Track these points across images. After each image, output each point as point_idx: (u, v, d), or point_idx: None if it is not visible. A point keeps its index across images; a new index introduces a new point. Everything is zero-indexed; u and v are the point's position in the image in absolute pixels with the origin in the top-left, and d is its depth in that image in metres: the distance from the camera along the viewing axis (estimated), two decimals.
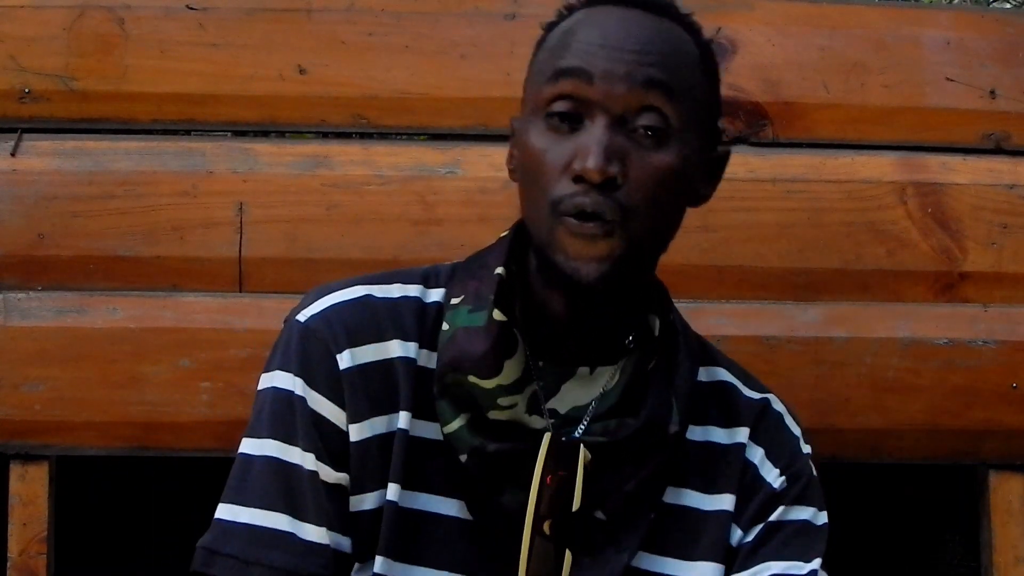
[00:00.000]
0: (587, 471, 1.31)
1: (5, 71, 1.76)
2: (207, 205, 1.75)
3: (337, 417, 1.32)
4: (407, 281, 1.39)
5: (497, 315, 1.32)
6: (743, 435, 1.42)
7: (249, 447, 1.35)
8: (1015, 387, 1.81)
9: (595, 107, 1.28)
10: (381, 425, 1.33)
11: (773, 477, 1.41)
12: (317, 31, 1.80)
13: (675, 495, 1.38)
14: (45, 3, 1.78)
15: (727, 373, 1.46)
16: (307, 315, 1.35)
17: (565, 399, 1.36)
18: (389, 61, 1.80)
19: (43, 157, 1.75)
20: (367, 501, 1.33)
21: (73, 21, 1.77)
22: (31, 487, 1.72)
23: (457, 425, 1.33)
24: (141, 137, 1.78)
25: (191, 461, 1.76)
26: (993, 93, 1.87)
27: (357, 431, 1.32)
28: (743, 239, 1.79)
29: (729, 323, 1.77)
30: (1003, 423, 1.82)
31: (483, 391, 1.31)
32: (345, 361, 1.33)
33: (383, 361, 1.34)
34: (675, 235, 1.36)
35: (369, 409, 1.33)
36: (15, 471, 1.72)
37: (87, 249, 1.74)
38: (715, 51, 1.40)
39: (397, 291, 1.37)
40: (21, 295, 1.73)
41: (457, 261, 1.43)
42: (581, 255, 1.26)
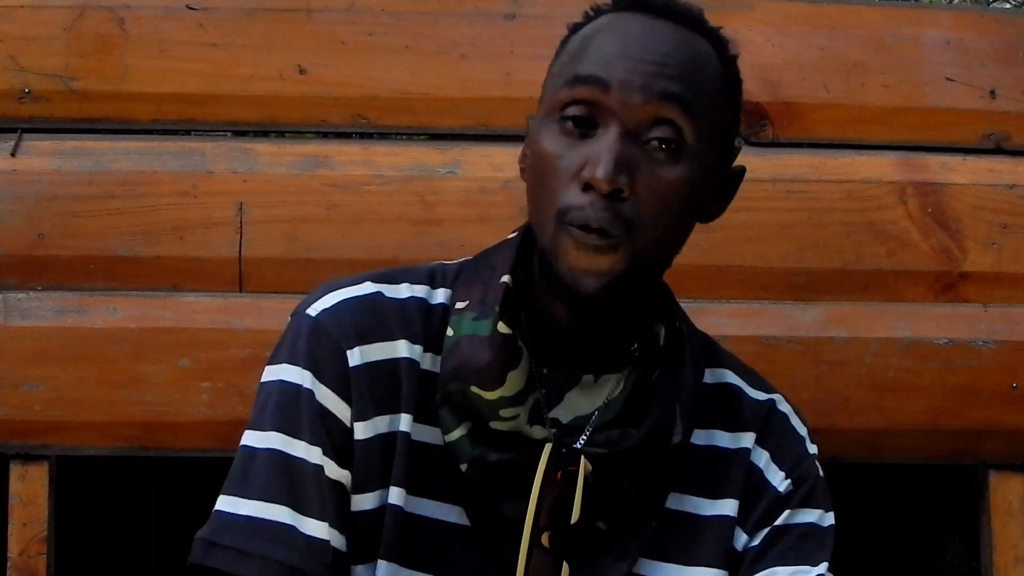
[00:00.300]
0: (588, 482, 1.30)
1: (5, 71, 1.76)
2: (207, 205, 1.75)
3: (343, 413, 1.31)
4: (414, 281, 1.37)
5: (502, 327, 1.30)
6: (748, 440, 1.40)
7: (252, 440, 1.32)
8: (1015, 387, 1.81)
9: (610, 115, 1.26)
10: (383, 425, 1.32)
11: (779, 480, 1.39)
12: (317, 31, 1.80)
13: (677, 500, 1.37)
14: (45, 3, 1.78)
15: (732, 375, 1.44)
16: (317, 309, 1.33)
17: (568, 408, 1.35)
18: (389, 61, 1.80)
19: (43, 157, 1.75)
20: (367, 501, 1.31)
21: (73, 21, 1.77)
22: (31, 487, 1.72)
23: (458, 434, 1.31)
24: (141, 137, 1.78)
25: (191, 461, 1.76)
26: (993, 93, 1.87)
27: (361, 429, 1.31)
28: (743, 239, 1.79)
29: (729, 323, 1.77)
30: (1003, 423, 1.81)
31: (485, 402, 1.30)
32: (355, 358, 1.31)
33: (390, 360, 1.32)
34: (682, 249, 1.34)
35: (374, 408, 1.31)
36: (15, 471, 1.72)
37: (87, 249, 1.74)
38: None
39: (405, 291, 1.35)
40: (21, 295, 1.73)
41: (464, 259, 1.41)
42: (583, 267, 1.25)
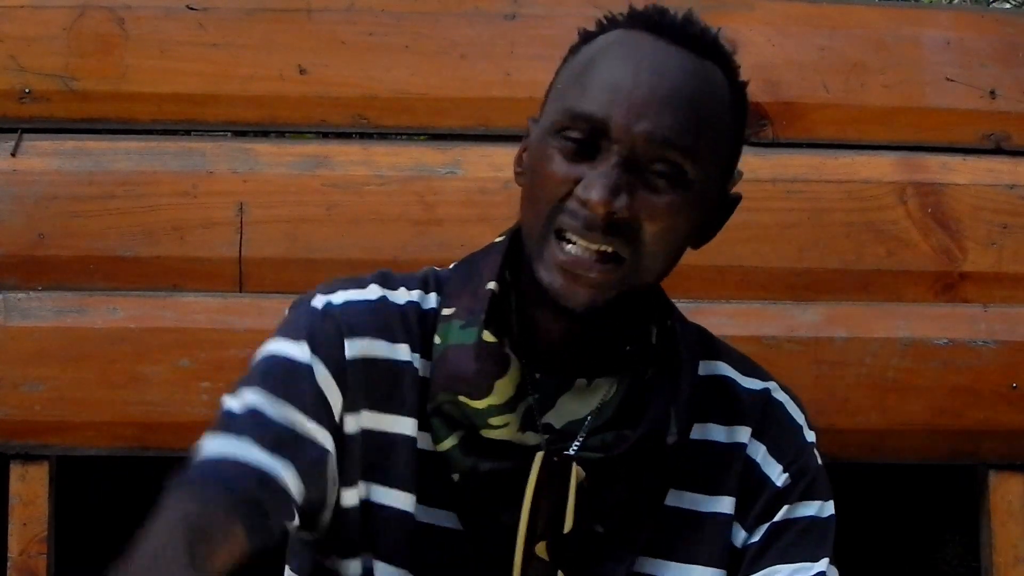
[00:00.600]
0: (583, 487, 1.28)
1: (5, 71, 1.76)
2: (207, 205, 1.75)
3: (336, 401, 1.29)
4: (410, 287, 1.35)
5: (487, 336, 1.28)
6: (744, 434, 1.37)
7: (234, 404, 1.26)
8: (1015, 387, 1.81)
9: (611, 143, 1.23)
10: (371, 422, 1.30)
11: (776, 474, 1.36)
12: (317, 31, 1.80)
13: (676, 497, 1.35)
14: (45, 3, 1.78)
15: (726, 366, 1.41)
16: (323, 300, 1.32)
17: (561, 413, 1.33)
18: (389, 61, 1.80)
19: (43, 157, 1.75)
20: (344, 497, 1.30)
21: (73, 21, 1.77)
22: (31, 487, 1.72)
23: (450, 444, 1.30)
24: (141, 137, 1.78)
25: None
26: (993, 93, 1.87)
27: (349, 422, 1.29)
28: (743, 239, 1.79)
29: (729, 323, 1.77)
30: (1003, 423, 1.81)
31: (475, 411, 1.28)
32: (354, 349, 1.29)
33: (391, 361, 1.31)
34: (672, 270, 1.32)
35: (367, 403, 1.30)
36: (15, 471, 1.72)
37: (87, 249, 1.74)
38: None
39: (403, 296, 1.34)
40: (21, 295, 1.73)
41: (456, 263, 1.39)
42: (569, 281, 1.24)
